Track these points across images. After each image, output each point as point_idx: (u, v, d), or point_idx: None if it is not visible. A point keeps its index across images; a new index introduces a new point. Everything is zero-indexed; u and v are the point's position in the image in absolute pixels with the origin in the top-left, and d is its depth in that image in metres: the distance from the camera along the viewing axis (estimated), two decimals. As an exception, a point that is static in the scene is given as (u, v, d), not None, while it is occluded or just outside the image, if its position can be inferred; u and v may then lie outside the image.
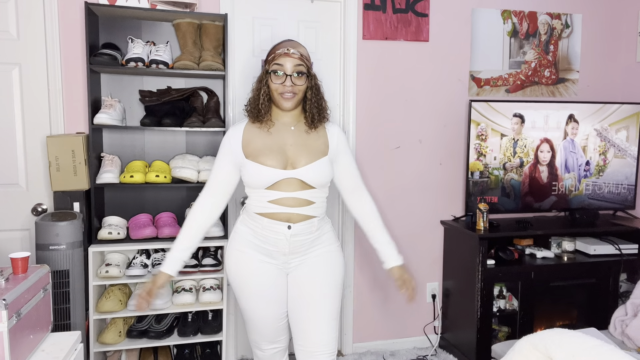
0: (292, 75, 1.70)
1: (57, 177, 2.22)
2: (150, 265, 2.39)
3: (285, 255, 1.76)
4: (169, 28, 2.51)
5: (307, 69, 1.74)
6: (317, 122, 1.79)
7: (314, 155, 1.75)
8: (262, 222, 1.74)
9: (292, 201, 1.72)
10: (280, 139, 1.76)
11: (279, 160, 1.71)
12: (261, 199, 1.73)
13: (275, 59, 1.71)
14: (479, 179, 2.82)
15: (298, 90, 1.72)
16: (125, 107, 2.50)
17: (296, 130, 1.79)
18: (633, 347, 2.04)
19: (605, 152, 2.97)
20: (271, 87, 1.73)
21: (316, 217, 1.78)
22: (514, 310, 2.70)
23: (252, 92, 1.81)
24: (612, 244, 2.79)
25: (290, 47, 1.71)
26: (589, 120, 2.92)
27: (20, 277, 1.56)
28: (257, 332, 1.84)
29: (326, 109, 1.82)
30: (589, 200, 2.98)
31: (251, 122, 1.80)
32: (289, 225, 1.72)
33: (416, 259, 2.98)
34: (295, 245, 1.75)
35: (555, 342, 1.14)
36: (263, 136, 1.76)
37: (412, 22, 2.83)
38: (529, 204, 2.91)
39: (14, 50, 2.35)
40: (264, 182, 1.71)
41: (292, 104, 1.73)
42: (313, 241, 1.78)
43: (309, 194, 1.74)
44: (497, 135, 2.82)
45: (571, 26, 3.10)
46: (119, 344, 2.32)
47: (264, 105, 1.75)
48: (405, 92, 2.88)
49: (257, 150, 1.73)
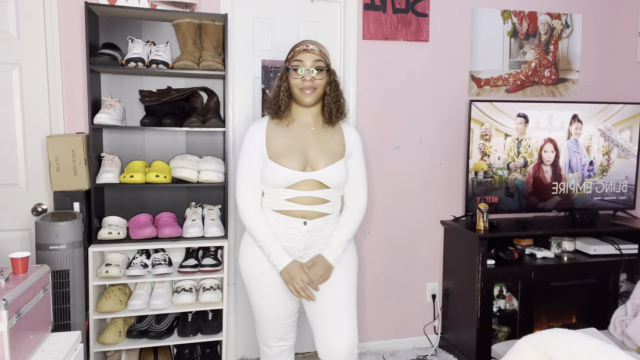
0: (312, 71, 1.75)
1: (57, 177, 2.22)
2: (150, 265, 2.39)
3: (300, 250, 1.79)
4: (169, 28, 2.51)
5: (326, 64, 1.79)
6: (335, 118, 1.82)
7: (332, 157, 1.79)
8: (279, 218, 1.77)
9: (308, 200, 1.76)
10: (302, 139, 1.79)
11: (299, 161, 1.74)
12: (278, 197, 1.77)
13: (295, 56, 1.77)
14: (483, 179, 2.82)
15: (317, 85, 1.77)
16: (125, 107, 2.50)
17: (316, 130, 1.82)
18: (633, 347, 2.04)
19: (609, 152, 2.97)
20: (291, 82, 1.78)
21: (331, 214, 1.81)
22: (514, 310, 2.70)
23: (272, 89, 1.85)
24: (612, 244, 2.79)
25: (309, 44, 1.77)
26: (593, 120, 2.92)
27: (20, 277, 1.56)
28: (267, 329, 1.87)
29: (344, 105, 1.86)
30: (593, 200, 2.98)
31: (271, 118, 1.84)
32: (305, 221, 1.76)
33: (416, 259, 2.98)
34: (310, 241, 1.78)
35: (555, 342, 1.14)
36: (284, 136, 1.79)
37: (412, 22, 2.83)
38: (533, 204, 2.91)
39: (14, 50, 2.35)
40: (283, 183, 1.74)
41: (312, 99, 1.77)
42: (327, 237, 1.82)
43: (325, 193, 1.78)
44: (501, 135, 2.82)
45: (571, 26, 3.10)
46: (119, 344, 2.32)
47: (283, 101, 1.79)
48: (405, 92, 2.88)
49: (279, 150, 1.76)
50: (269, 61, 2.68)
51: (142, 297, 2.36)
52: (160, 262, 2.37)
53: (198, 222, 2.40)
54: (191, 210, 2.48)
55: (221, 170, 2.42)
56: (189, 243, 2.36)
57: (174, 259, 2.55)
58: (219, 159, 2.51)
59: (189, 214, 2.46)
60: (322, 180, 1.76)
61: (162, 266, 2.35)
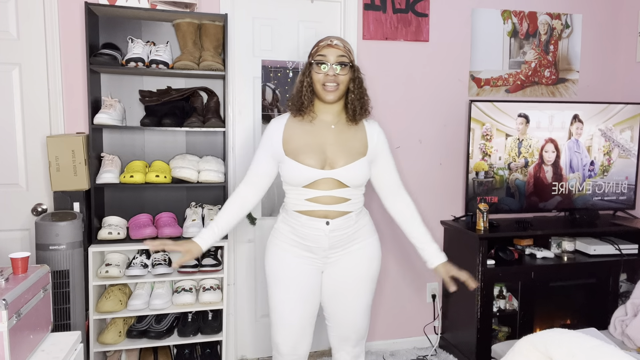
0: (335, 66, 1.72)
1: (57, 177, 2.22)
2: (150, 265, 2.39)
3: (325, 250, 1.79)
4: (169, 28, 2.51)
5: (350, 60, 1.75)
6: (359, 115, 1.79)
7: (352, 155, 1.76)
8: (301, 219, 1.76)
9: (329, 199, 1.75)
10: (321, 137, 1.77)
11: (317, 159, 1.73)
12: (299, 197, 1.76)
13: (319, 51, 1.74)
14: (484, 179, 2.82)
15: (341, 81, 1.73)
16: (125, 107, 2.50)
17: (336, 128, 1.79)
18: (633, 347, 2.04)
19: (610, 152, 2.97)
20: (314, 78, 1.74)
21: (353, 212, 1.80)
22: (514, 310, 2.70)
23: (295, 85, 1.82)
24: (612, 244, 2.78)
25: (333, 39, 1.74)
26: (594, 120, 2.93)
27: (20, 277, 1.56)
28: (281, 332, 1.82)
29: (368, 102, 1.82)
30: (593, 200, 2.98)
31: (293, 116, 1.81)
32: (327, 221, 1.75)
33: (416, 259, 2.98)
34: (334, 240, 1.78)
35: (555, 342, 1.14)
36: (304, 133, 1.77)
37: (412, 22, 2.83)
38: (534, 204, 2.91)
39: (14, 50, 2.35)
40: (301, 181, 1.73)
41: (334, 96, 1.74)
42: (351, 235, 1.81)
43: (346, 192, 1.77)
44: (502, 136, 2.82)
45: (571, 26, 3.10)
46: (119, 344, 2.32)
47: (306, 97, 1.76)
48: (405, 92, 2.88)
49: (297, 148, 1.74)
50: (269, 61, 2.68)
51: (142, 297, 2.36)
52: (160, 262, 2.37)
53: (198, 222, 2.40)
54: (191, 210, 2.48)
55: (221, 170, 2.42)
56: (189, 243, 2.35)
57: (174, 259, 2.54)
58: (218, 159, 2.51)
59: (189, 214, 2.46)
60: (341, 179, 1.74)
61: (162, 266, 2.35)
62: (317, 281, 1.83)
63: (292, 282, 1.79)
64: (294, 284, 1.79)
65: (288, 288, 1.80)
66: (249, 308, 2.79)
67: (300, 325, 1.82)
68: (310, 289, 1.81)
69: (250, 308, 2.79)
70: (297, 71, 2.70)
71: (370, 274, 1.86)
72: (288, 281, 1.80)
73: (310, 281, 1.81)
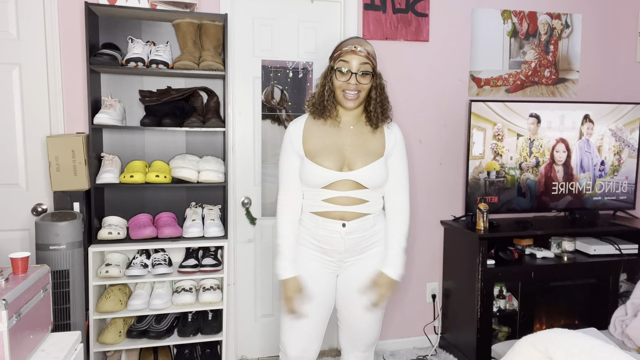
0: (358, 74, 1.68)
1: (57, 177, 2.22)
2: (150, 265, 2.39)
3: (340, 253, 1.77)
4: (169, 28, 2.51)
5: (372, 67, 1.71)
6: (381, 122, 1.77)
7: (370, 157, 1.74)
8: (317, 221, 1.75)
9: (346, 200, 1.72)
10: (339, 138, 1.75)
11: (336, 161, 1.71)
12: (316, 198, 1.75)
13: (342, 56, 1.69)
14: (496, 179, 2.82)
15: (362, 89, 1.70)
16: (125, 107, 2.50)
17: (355, 129, 1.77)
18: (633, 347, 2.04)
19: (620, 152, 2.98)
20: (335, 84, 1.71)
21: (371, 214, 1.77)
22: (514, 310, 2.70)
23: (316, 87, 1.79)
24: (612, 244, 2.79)
25: (357, 45, 1.68)
26: (604, 120, 2.93)
27: (20, 277, 1.56)
28: (290, 333, 1.80)
29: (390, 109, 1.79)
30: (605, 199, 2.99)
31: (312, 117, 1.78)
32: (344, 223, 1.73)
33: (416, 259, 2.98)
34: (350, 243, 1.75)
35: (555, 342, 1.14)
36: (322, 134, 1.75)
37: (412, 22, 2.83)
38: (545, 204, 2.92)
39: (14, 50, 2.35)
40: (319, 182, 1.71)
41: (355, 104, 1.72)
42: (368, 239, 1.78)
43: (363, 194, 1.74)
44: (513, 135, 2.82)
45: (571, 26, 3.10)
46: (119, 344, 2.32)
47: (329, 102, 1.73)
48: (405, 92, 2.88)
49: (316, 149, 1.73)
50: (269, 61, 2.68)
51: (142, 297, 2.36)
52: (160, 262, 2.37)
53: (198, 222, 2.40)
54: (191, 210, 2.48)
55: (221, 170, 2.42)
56: (189, 243, 2.36)
57: (174, 259, 2.55)
58: (218, 159, 2.51)
59: (189, 214, 2.46)
60: (359, 180, 1.72)
61: (162, 266, 2.35)
62: (332, 286, 1.82)
63: (307, 287, 1.77)
64: (310, 287, 1.78)
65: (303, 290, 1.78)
66: (249, 308, 2.79)
67: (312, 330, 1.80)
68: (325, 295, 1.80)
69: (250, 308, 2.79)
70: (297, 71, 2.70)
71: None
72: (305, 284, 1.77)
73: (325, 287, 1.80)
